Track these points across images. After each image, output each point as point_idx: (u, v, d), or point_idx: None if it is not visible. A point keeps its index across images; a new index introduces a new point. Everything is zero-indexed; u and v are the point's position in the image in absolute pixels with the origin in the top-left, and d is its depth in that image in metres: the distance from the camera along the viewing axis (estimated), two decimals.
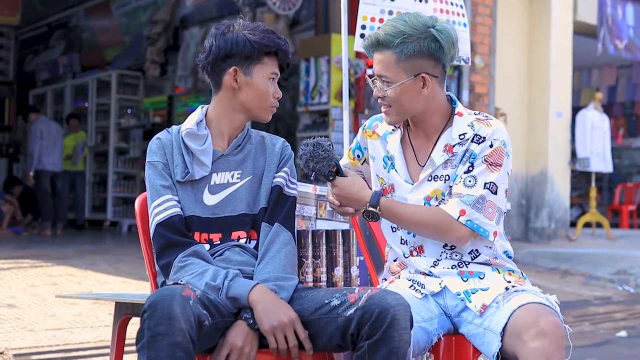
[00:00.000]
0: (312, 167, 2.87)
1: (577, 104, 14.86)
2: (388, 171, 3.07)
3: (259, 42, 2.91)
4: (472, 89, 10.98)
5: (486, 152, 2.91)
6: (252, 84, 2.93)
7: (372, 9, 4.30)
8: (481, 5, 11.13)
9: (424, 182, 2.99)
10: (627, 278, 9.49)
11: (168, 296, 2.48)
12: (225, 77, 2.94)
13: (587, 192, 14.21)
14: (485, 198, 2.88)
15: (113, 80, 15.74)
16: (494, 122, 2.97)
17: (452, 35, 2.93)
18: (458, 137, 2.95)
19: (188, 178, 2.91)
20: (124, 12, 16.92)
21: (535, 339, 2.65)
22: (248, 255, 2.90)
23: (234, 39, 2.91)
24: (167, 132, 3.02)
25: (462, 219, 2.87)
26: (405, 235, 3.06)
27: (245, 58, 2.91)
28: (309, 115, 11.72)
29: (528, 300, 2.77)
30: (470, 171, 2.91)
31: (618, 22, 13.04)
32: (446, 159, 2.96)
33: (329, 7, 12.46)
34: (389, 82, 2.92)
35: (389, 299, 2.59)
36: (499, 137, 2.93)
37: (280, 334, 2.63)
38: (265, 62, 2.94)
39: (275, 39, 2.95)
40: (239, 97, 2.95)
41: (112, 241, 12.19)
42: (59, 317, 5.86)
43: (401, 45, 2.87)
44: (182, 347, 2.43)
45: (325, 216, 3.51)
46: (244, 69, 2.92)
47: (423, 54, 2.89)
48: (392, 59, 2.90)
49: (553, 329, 2.66)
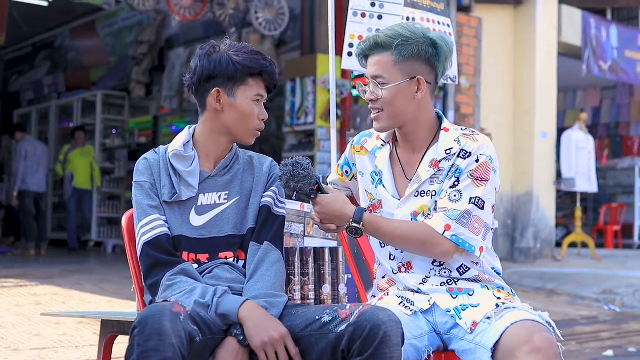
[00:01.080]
0: (293, 187, 2.84)
1: (562, 124, 14.93)
2: (376, 187, 3.06)
3: (243, 64, 2.88)
4: (457, 109, 11.01)
5: (472, 167, 2.90)
6: (236, 106, 2.91)
7: (360, 27, 4.30)
8: (466, 26, 11.18)
9: (411, 198, 2.98)
10: (613, 297, 9.50)
11: (158, 312, 2.46)
12: (208, 99, 2.92)
13: (572, 213, 14.25)
14: (471, 213, 2.87)
15: (98, 100, 15.72)
16: (480, 137, 2.97)
17: (449, 44, 2.96)
18: (444, 152, 2.95)
19: (175, 199, 2.90)
20: (110, 33, 16.91)
21: (529, 355, 2.63)
22: (237, 272, 2.88)
23: (218, 59, 2.89)
24: (154, 153, 3.01)
25: (447, 233, 2.86)
26: (393, 251, 3.04)
27: (228, 79, 2.89)
28: (295, 135, 11.73)
29: (521, 318, 2.75)
30: (455, 186, 2.90)
31: (602, 44, 13.12)
32: (432, 174, 2.95)
33: (314, 28, 12.49)
34: (384, 83, 2.92)
35: (381, 315, 2.57)
36: (485, 152, 2.93)
37: (271, 349, 2.61)
38: (249, 83, 2.91)
39: (261, 60, 2.92)
40: (222, 119, 2.93)
41: (96, 261, 12.12)
42: (43, 337, 5.81)
43: (400, 47, 2.89)
44: None
45: (313, 234, 3.49)
46: (227, 90, 2.90)
47: (420, 57, 2.91)
48: (390, 60, 2.91)
49: (547, 346, 2.65)
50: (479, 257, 2.93)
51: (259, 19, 11.56)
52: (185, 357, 2.46)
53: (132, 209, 2.97)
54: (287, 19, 11.82)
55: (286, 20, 11.81)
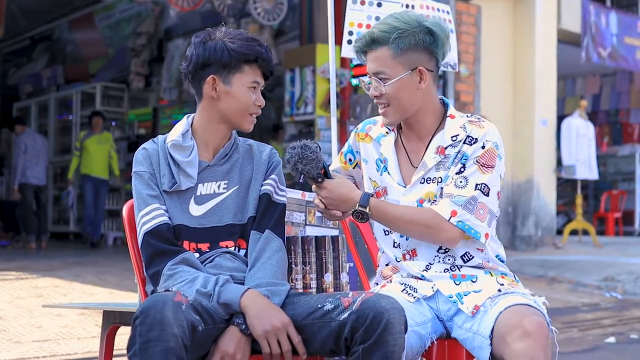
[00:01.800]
0: (300, 170, 2.83)
1: (561, 112, 14.90)
2: (381, 174, 3.05)
3: (238, 50, 2.86)
4: (457, 98, 11.00)
5: (478, 153, 2.90)
6: (232, 93, 2.89)
7: (359, 15, 4.29)
8: (465, 14, 11.15)
9: (417, 185, 2.97)
10: (615, 284, 9.50)
11: (160, 302, 2.44)
12: (204, 87, 2.91)
13: (572, 200, 14.25)
14: (477, 199, 2.86)
15: (97, 92, 15.68)
16: (486, 124, 2.96)
17: (445, 29, 2.95)
18: (450, 139, 2.94)
19: (175, 188, 2.89)
20: (108, 24, 16.87)
21: (519, 340, 2.62)
22: (239, 261, 2.87)
23: (213, 47, 2.87)
24: (153, 142, 3.00)
25: (453, 219, 2.85)
26: (398, 238, 3.03)
27: (223, 66, 2.87)
28: (295, 125, 11.72)
29: (513, 302, 2.75)
30: (461, 172, 2.90)
31: (601, 30, 13.09)
32: (438, 161, 2.95)
33: (313, 18, 12.46)
34: (386, 79, 2.91)
35: (383, 302, 2.56)
36: (491, 139, 2.92)
37: (274, 338, 2.60)
38: (245, 70, 2.89)
39: (256, 46, 2.90)
40: (219, 107, 2.91)
41: (97, 253, 12.11)
42: (45, 329, 5.81)
43: (397, 40, 2.87)
44: (175, 352, 2.40)
45: (314, 222, 3.48)
46: (223, 77, 2.88)
47: (418, 47, 2.90)
48: (389, 54, 2.89)
49: (536, 329, 2.64)
50: (484, 244, 2.92)
51: (258, 9, 11.54)
52: (188, 347, 2.45)
53: (132, 199, 2.96)
54: (285, 9, 11.80)
55: (285, 9, 11.79)
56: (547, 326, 2.70)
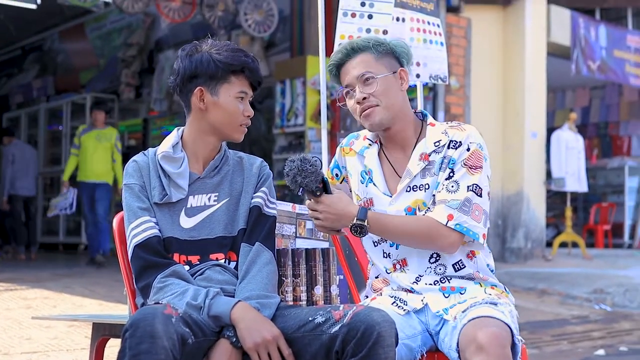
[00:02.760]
0: (299, 182, 2.83)
1: (551, 124, 14.93)
2: (366, 185, 3.07)
3: (224, 62, 2.87)
4: (447, 110, 11.02)
5: (464, 156, 2.93)
6: (219, 104, 2.90)
7: (350, 27, 4.29)
8: (456, 27, 11.18)
9: (402, 194, 2.98)
10: (604, 297, 9.51)
11: (150, 315, 2.44)
12: (192, 99, 2.91)
13: (562, 212, 14.25)
14: (471, 200, 2.89)
15: (87, 103, 15.64)
16: (467, 127, 3.01)
17: (407, 48, 3.10)
18: (433, 145, 2.98)
19: (166, 200, 2.89)
20: (99, 35, 16.87)
21: (474, 355, 2.62)
22: (229, 274, 2.87)
23: (199, 59, 2.88)
24: (144, 155, 3.00)
25: (450, 223, 2.86)
26: (387, 248, 3.04)
27: (210, 78, 2.88)
28: (285, 137, 11.73)
29: (476, 315, 2.74)
30: (451, 177, 2.92)
31: (591, 44, 13.14)
32: (423, 167, 2.97)
33: (304, 30, 12.49)
34: (373, 78, 2.97)
35: (375, 315, 2.57)
36: (475, 140, 2.96)
37: (264, 351, 2.60)
38: (232, 81, 2.90)
39: (242, 57, 2.91)
40: (208, 118, 2.92)
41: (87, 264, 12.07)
42: (34, 341, 5.78)
43: (376, 46, 3.02)
44: None
45: (304, 235, 3.49)
46: (210, 89, 2.89)
47: (394, 54, 3.04)
48: (372, 57, 3.01)
49: (489, 341, 2.61)
50: (481, 245, 2.93)
51: (248, 21, 11.54)
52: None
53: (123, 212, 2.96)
54: (276, 21, 11.81)
55: (275, 21, 11.80)
56: (504, 336, 2.66)
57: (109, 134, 11.27)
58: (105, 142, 11.15)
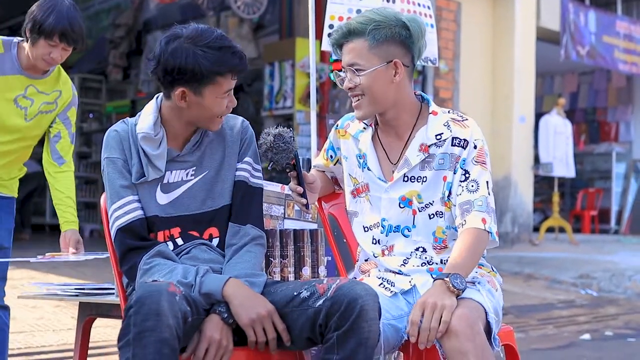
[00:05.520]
0: (270, 157, 2.81)
1: (539, 110, 14.95)
2: (362, 170, 3.05)
3: (210, 68, 2.70)
4: (436, 94, 11.01)
5: (474, 155, 2.94)
6: (203, 105, 2.76)
7: (340, 8, 4.28)
8: (445, 10, 11.17)
9: (399, 182, 2.97)
10: (590, 282, 9.55)
11: (156, 292, 2.42)
12: (173, 95, 2.77)
13: (549, 198, 14.30)
14: (488, 201, 2.90)
15: (75, 83, 15.51)
16: (469, 123, 2.99)
17: (421, 25, 2.96)
18: (434, 137, 2.95)
19: (142, 180, 2.83)
20: (87, 15, 16.76)
21: (446, 340, 2.61)
22: (215, 253, 2.85)
23: (184, 58, 2.69)
24: (124, 124, 2.90)
25: (486, 226, 2.86)
26: (378, 234, 3.03)
27: (194, 79, 2.72)
28: (273, 119, 11.68)
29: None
30: (467, 177, 2.91)
31: (580, 29, 13.14)
32: (422, 159, 2.95)
33: (293, 12, 12.43)
34: (361, 69, 2.90)
35: (358, 289, 2.56)
36: (479, 137, 2.97)
37: (259, 326, 2.60)
38: (218, 81, 2.75)
39: (230, 58, 2.73)
40: (188, 114, 2.81)
41: None
42: (20, 321, 5.77)
43: (373, 32, 2.88)
44: (169, 343, 2.38)
45: (293, 216, 3.48)
46: (194, 89, 2.74)
47: (394, 40, 2.90)
48: (365, 46, 2.90)
49: (457, 323, 2.60)
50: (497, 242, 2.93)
51: (237, 2, 11.49)
52: (180, 338, 2.44)
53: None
54: (265, 2, 11.77)
55: (264, 3, 11.75)
56: (471, 316, 2.63)
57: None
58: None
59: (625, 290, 9.33)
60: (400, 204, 2.96)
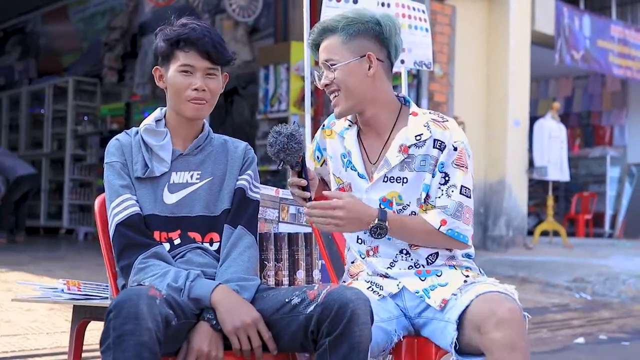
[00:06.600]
0: (282, 158, 2.80)
1: (534, 114, 14.97)
2: (346, 169, 3.05)
3: (165, 39, 2.87)
4: (430, 98, 11.02)
5: (453, 157, 2.92)
6: (169, 81, 2.89)
7: (335, 12, 4.26)
8: (440, 14, 11.18)
9: (379, 183, 2.97)
10: (584, 285, 9.56)
11: (135, 296, 2.42)
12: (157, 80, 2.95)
13: (544, 201, 14.31)
14: (463, 204, 2.91)
15: (70, 86, 15.58)
16: (449, 124, 2.98)
17: (395, 22, 2.99)
18: (414, 138, 2.94)
19: (148, 174, 2.87)
20: (82, 18, 16.77)
21: (495, 329, 2.62)
22: (210, 257, 2.86)
23: (157, 40, 2.90)
24: (126, 134, 2.98)
25: (442, 228, 2.90)
26: (361, 234, 3.03)
27: (163, 57, 2.90)
28: (268, 122, 11.70)
29: (484, 290, 2.76)
30: (447, 181, 2.91)
31: (575, 33, 13.17)
32: (402, 160, 2.95)
33: (288, 15, 12.45)
34: (335, 64, 2.94)
35: (348, 293, 2.56)
36: (459, 139, 2.94)
37: (244, 334, 2.60)
38: (177, 55, 2.86)
39: (183, 29, 2.85)
40: (168, 98, 2.94)
41: (68, 248, 12.03)
42: (14, 324, 5.76)
43: (346, 27, 2.93)
44: (149, 347, 2.37)
45: (287, 219, 3.48)
46: (165, 67, 2.91)
47: (368, 34, 2.94)
48: (338, 41, 2.94)
49: (511, 316, 2.63)
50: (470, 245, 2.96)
51: (232, 5, 11.50)
52: (161, 341, 2.43)
53: (104, 194, 2.93)
54: (260, 6, 11.78)
55: (260, 6, 11.76)
56: (521, 313, 2.69)
57: None
58: None
59: (620, 294, 9.34)
60: (381, 204, 2.96)
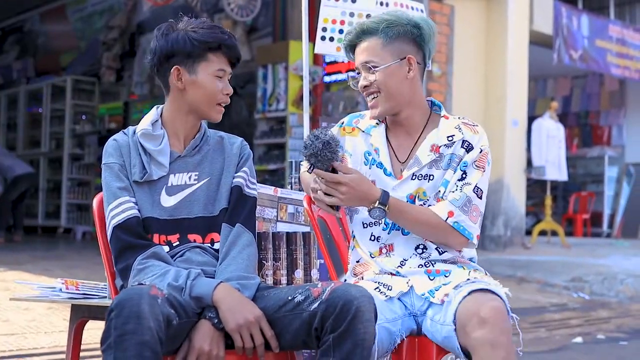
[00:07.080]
0: (312, 162, 2.80)
1: (532, 113, 14.97)
2: (369, 167, 3.05)
3: (200, 39, 2.84)
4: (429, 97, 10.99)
5: (476, 158, 2.95)
6: (197, 83, 2.87)
7: (333, 11, 4.28)
8: (439, 14, 11.17)
9: (408, 180, 2.98)
10: (582, 285, 9.56)
11: (136, 295, 2.41)
12: (170, 78, 2.89)
13: (542, 201, 14.32)
14: (472, 201, 2.92)
15: (68, 85, 15.56)
16: (479, 129, 3.02)
17: (432, 26, 3.02)
18: (446, 139, 2.98)
19: (146, 178, 2.86)
20: (80, 17, 16.76)
21: (477, 328, 2.62)
22: (209, 256, 2.86)
23: (175, 38, 2.85)
24: (124, 134, 2.97)
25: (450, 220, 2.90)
26: (378, 231, 3.02)
27: (187, 56, 2.85)
28: (266, 122, 11.70)
29: (472, 289, 2.75)
30: (464, 178, 2.94)
31: (573, 33, 13.17)
32: (433, 159, 2.97)
33: (286, 14, 12.45)
34: (375, 66, 2.95)
35: (353, 291, 2.56)
36: (485, 144, 2.99)
37: (246, 332, 2.59)
38: (210, 58, 2.87)
39: (219, 34, 2.87)
40: (186, 97, 2.89)
41: (66, 247, 12.02)
42: (12, 323, 5.75)
43: (386, 29, 2.94)
44: (150, 346, 2.36)
45: (285, 219, 3.48)
46: (188, 67, 2.86)
47: (407, 38, 2.96)
48: (378, 43, 2.96)
49: (492, 314, 2.63)
50: (475, 245, 2.96)
51: (231, 5, 11.50)
52: (163, 341, 2.42)
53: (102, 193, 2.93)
54: (259, 5, 11.77)
55: (258, 6, 11.76)
56: (504, 311, 2.69)
57: None
58: None
59: (618, 293, 9.34)
60: (408, 202, 2.97)
